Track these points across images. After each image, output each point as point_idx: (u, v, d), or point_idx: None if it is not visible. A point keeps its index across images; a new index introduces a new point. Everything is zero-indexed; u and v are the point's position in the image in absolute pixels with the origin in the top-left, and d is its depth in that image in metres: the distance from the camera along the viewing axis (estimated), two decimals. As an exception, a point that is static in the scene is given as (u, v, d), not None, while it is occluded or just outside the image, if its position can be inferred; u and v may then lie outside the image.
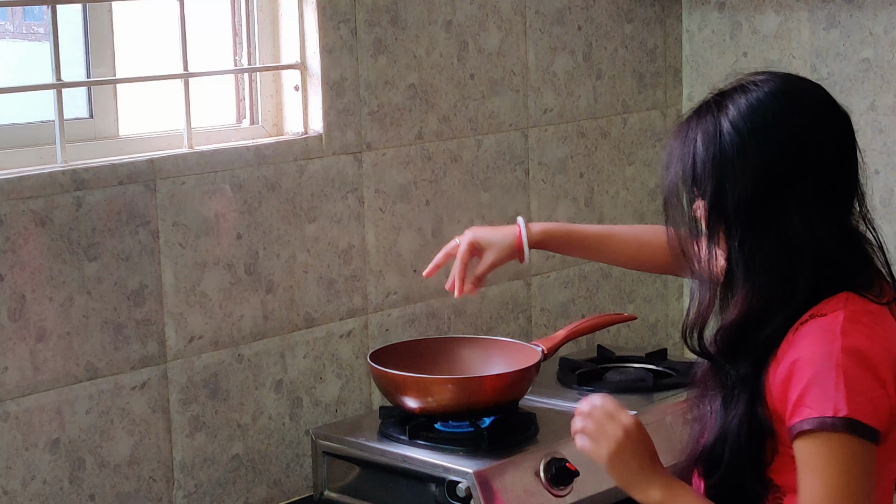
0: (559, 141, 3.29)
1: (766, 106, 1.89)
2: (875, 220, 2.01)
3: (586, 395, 2.07)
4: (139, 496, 2.56)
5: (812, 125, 1.89)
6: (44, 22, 2.57)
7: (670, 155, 1.97)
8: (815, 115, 1.91)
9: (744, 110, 1.89)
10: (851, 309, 1.87)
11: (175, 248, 2.59)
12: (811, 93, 1.93)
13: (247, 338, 2.71)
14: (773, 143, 1.87)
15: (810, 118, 1.90)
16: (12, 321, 2.37)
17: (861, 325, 1.85)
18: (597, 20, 3.35)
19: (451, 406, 2.56)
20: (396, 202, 2.95)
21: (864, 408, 1.80)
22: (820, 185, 1.89)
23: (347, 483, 2.66)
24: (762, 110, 1.89)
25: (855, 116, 1.98)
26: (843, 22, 3.31)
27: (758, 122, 1.88)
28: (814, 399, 1.81)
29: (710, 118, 1.91)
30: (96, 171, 2.47)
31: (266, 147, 2.73)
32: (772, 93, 1.90)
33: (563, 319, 3.31)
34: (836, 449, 1.81)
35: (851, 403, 1.80)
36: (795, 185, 1.87)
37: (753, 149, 1.87)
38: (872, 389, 1.81)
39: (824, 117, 1.91)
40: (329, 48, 2.80)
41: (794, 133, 1.88)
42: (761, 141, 1.87)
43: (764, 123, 1.88)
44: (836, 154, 1.91)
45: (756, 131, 1.88)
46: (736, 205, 1.88)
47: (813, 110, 1.91)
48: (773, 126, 1.88)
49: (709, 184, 1.90)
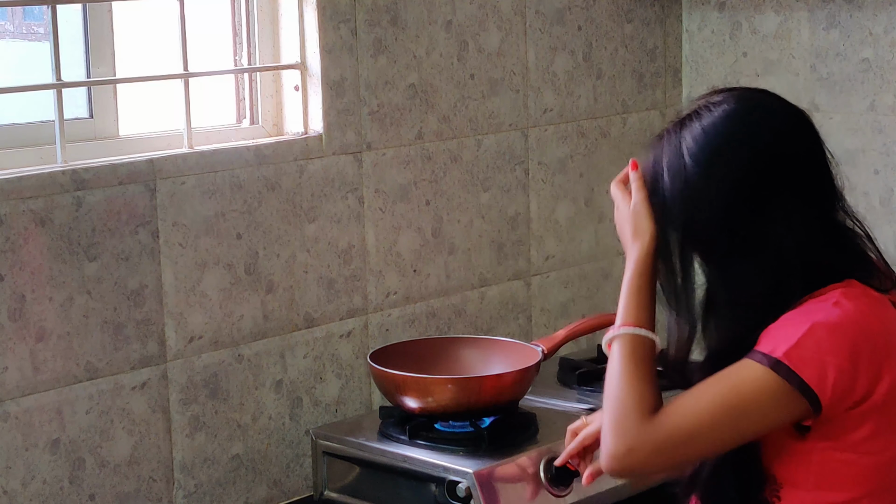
0: (559, 141, 3.29)
1: (720, 131, 1.89)
2: (875, 220, 2.01)
3: (586, 396, 2.07)
4: (139, 496, 2.56)
5: (773, 138, 1.89)
6: (44, 22, 2.57)
7: None
8: (773, 127, 1.90)
9: (700, 139, 1.89)
10: (850, 291, 1.86)
11: (175, 248, 2.59)
12: (765, 106, 1.93)
13: (247, 338, 2.71)
14: (735, 166, 1.87)
15: (768, 132, 1.90)
16: (12, 321, 2.37)
17: (857, 302, 1.84)
18: (597, 20, 3.35)
19: (451, 406, 2.56)
20: (396, 202, 2.95)
21: (805, 364, 1.78)
22: (794, 191, 1.88)
23: (347, 483, 2.66)
24: (717, 136, 1.89)
25: (854, 116, 1.98)
26: (843, 22, 3.31)
27: (715, 147, 1.88)
28: (765, 341, 1.82)
29: (671, 150, 1.91)
30: (96, 171, 2.47)
31: (266, 147, 2.73)
32: (726, 115, 1.90)
33: (563, 319, 3.31)
34: (751, 371, 1.80)
35: (793, 354, 1.79)
36: (769, 199, 1.87)
37: (717, 175, 1.87)
38: (833, 359, 1.79)
39: (783, 126, 1.91)
40: (329, 48, 2.80)
41: (755, 151, 1.88)
42: (723, 165, 1.87)
43: (720, 149, 1.88)
44: (801, 157, 1.90)
45: (715, 157, 1.88)
46: (711, 231, 1.88)
47: (769, 123, 1.91)
48: (731, 149, 1.88)
49: (680, 216, 1.91)
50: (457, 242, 3.08)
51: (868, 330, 1.83)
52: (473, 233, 3.11)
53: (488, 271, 3.15)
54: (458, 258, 3.08)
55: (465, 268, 3.10)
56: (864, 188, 3.28)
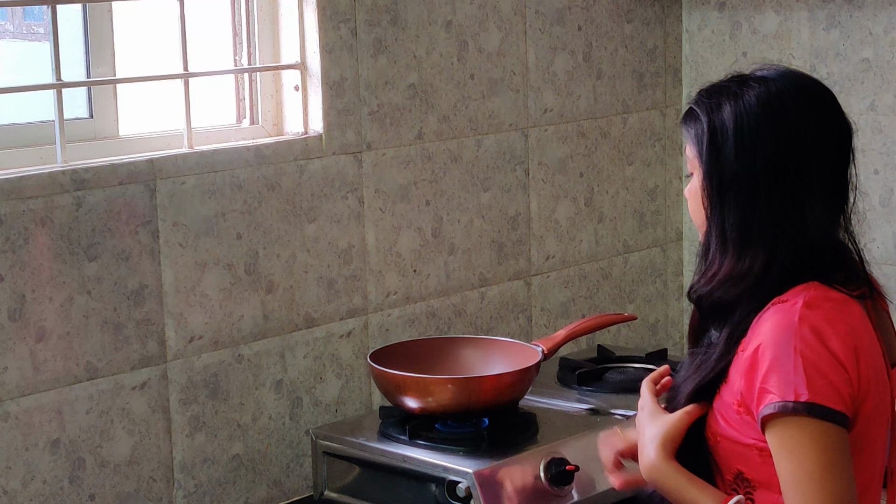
0: (559, 141, 3.29)
1: (784, 93, 1.94)
2: (875, 220, 2.03)
3: (586, 396, 2.08)
4: (139, 496, 2.56)
5: (825, 123, 1.94)
6: (44, 22, 2.57)
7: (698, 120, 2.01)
8: (829, 114, 1.96)
9: (763, 95, 1.94)
10: (813, 295, 1.89)
11: (175, 248, 2.59)
12: (828, 97, 1.98)
13: (247, 338, 2.71)
14: (788, 127, 1.92)
15: (825, 115, 1.95)
16: (12, 321, 2.37)
17: (821, 311, 1.87)
18: (597, 20, 3.35)
19: (450, 406, 2.56)
20: (396, 202, 2.95)
21: (825, 391, 1.83)
22: (821, 180, 1.93)
23: (347, 483, 2.66)
24: (780, 96, 1.94)
25: (854, 116, 1.99)
26: (843, 22, 3.31)
27: (776, 105, 1.93)
28: (775, 384, 1.84)
29: (733, 92, 1.97)
30: (96, 171, 2.47)
31: (266, 147, 2.73)
32: (788, 83, 1.96)
33: (564, 319, 3.31)
34: (806, 431, 1.83)
35: (812, 388, 1.82)
36: (801, 172, 1.91)
37: (770, 128, 1.92)
38: (833, 373, 1.84)
39: (833, 120, 1.96)
40: (329, 48, 2.80)
41: (810, 124, 1.93)
42: (779, 122, 1.92)
43: (783, 108, 1.93)
44: (838, 158, 1.96)
45: (774, 113, 1.93)
46: (746, 174, 1.92)
47: (829, 110, 1.96)
48: (791, 112, 1.93)
49: (730, 151, 1.94)
50: (457, 242, 3.08)
51: (841, 334, 1.86)
52: (473, 233, 3.11)
53: (488, 271, 3.15)
54: (458, 258, 3.08)
55: (466, 268, 3.10)
56: (864, 188, 3.25)
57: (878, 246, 3.27)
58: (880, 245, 3.28)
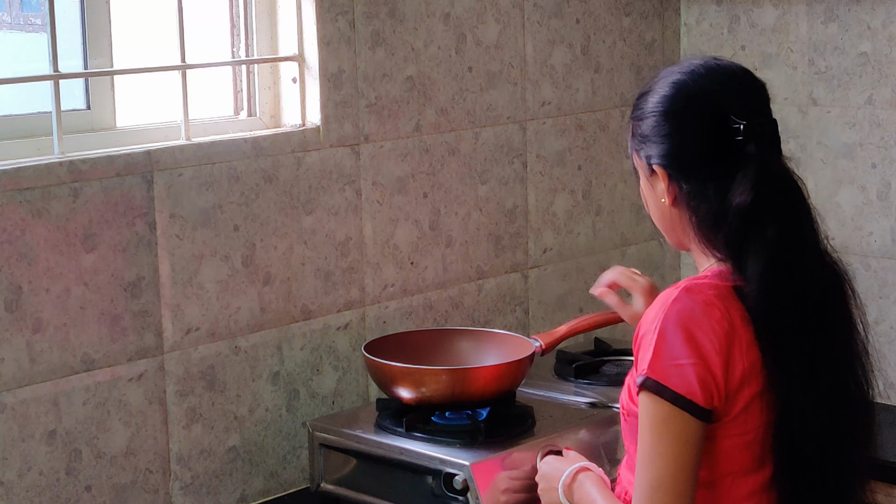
0: (557, 134, 3.29)
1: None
2: (872, 214, 2.04)
3: (583, 389, 2.12)
4: (136, 487, 2.57)
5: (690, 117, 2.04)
6: (41, 13, 2.56)
7: None
8: (696, 106, 2.04)
9: None
10: (699, 282, 1.95)
11: (172, 240, 2.59)
12: (703, 88, 2.05)
13: (244, 329, 2.71)
14: None
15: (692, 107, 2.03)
16: (9, 312, 2.37)
17: (698, 297, 1.92)
18: (595, 13, 3.35)
19: (444, 397, 2.56)
20: (394, 194, 2.95)
21: (668, 373, 1.88)
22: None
23: (344, 475, 2.66)
24: None
25: (852, 110, 1.99)
26: (842, 16, 3.31)
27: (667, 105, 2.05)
28: (641, 360, 1.93)
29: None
30: (93, 162, 2.47)
31: (263, 139, 2.73)
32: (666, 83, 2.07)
33: (561, 312, 3.31)
34: (647, 407, 1.91)
35: (654, 366, 1.89)
36: None
37: None
38: (684, 357, 1.88)
39: (697, 112, 2.04)
40: (327, 40, 2.80)
41: None
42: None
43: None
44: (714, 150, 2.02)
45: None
46: (700, 158, 1.99)
47: (696, 101, 2.04)
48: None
49: (674, 134, 2.01)
50: (454, 235, 3.08)
51: (711, 324, 1.90)
52: (471, 225, 3.11)
53: (486, 264, 3.15)
54: (455, 251, 3.08)
55: (463, 260, 3.10)
56: (862, 182, 3.28)
57: (875, 240, 3.27)
58: (878, 239, 3.28)
